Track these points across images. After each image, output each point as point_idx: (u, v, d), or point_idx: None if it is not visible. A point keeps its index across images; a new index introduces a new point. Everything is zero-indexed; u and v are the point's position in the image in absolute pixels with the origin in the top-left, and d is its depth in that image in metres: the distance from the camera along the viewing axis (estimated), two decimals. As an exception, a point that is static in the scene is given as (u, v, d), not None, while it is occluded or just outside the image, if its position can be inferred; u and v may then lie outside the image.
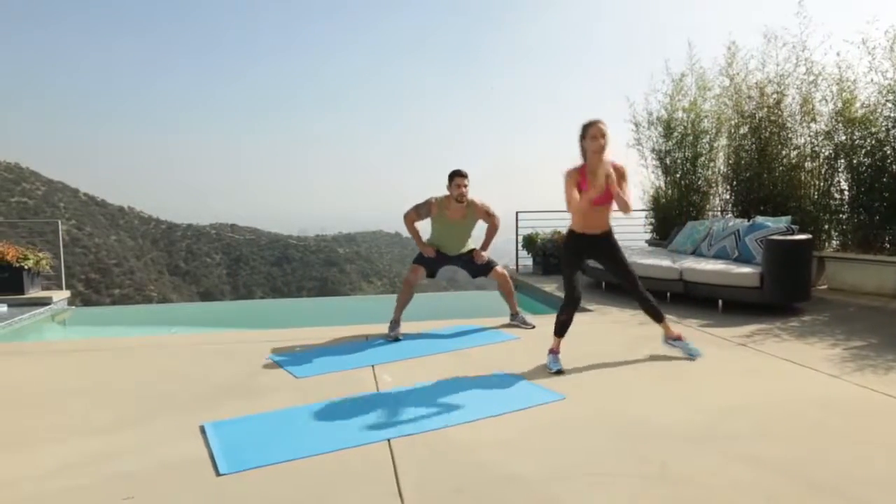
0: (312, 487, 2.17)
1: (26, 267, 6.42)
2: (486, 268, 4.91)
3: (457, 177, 4.63)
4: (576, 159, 3.66)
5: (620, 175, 3.57)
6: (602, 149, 3.48)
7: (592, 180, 3.50)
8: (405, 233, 4.91)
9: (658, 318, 3.86)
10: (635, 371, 3.63)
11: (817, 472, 2.24)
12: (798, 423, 2.74)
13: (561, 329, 3.76)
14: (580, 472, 2.27)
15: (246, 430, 2.68)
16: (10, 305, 6.19)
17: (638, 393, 3.23)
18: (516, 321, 4.97)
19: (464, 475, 2.25)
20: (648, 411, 2.92)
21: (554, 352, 3.71)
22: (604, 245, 3.76)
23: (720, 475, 2.22)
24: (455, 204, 4.65)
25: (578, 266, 3.85)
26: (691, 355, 3.80)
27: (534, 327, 4.84)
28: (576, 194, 3.56)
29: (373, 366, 3.70)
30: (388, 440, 2.57)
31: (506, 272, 5.04)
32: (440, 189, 4.78)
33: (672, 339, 3.87)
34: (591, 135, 3.49)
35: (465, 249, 4.91)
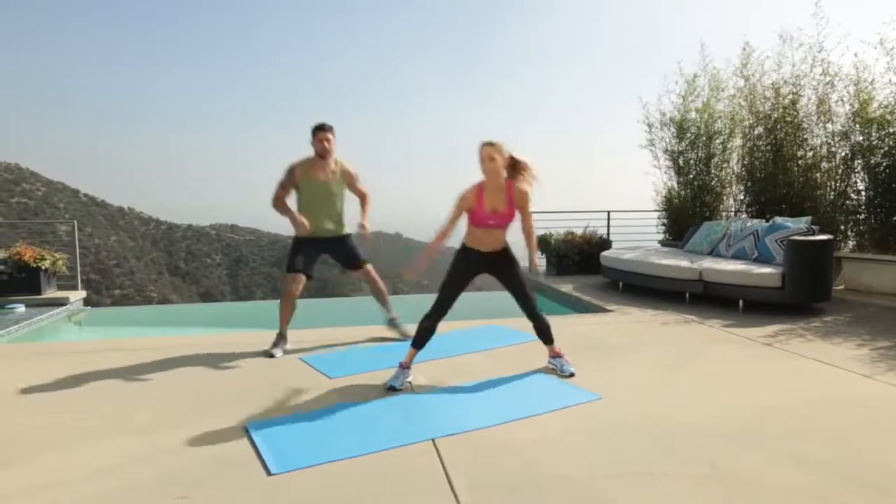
0: (366, 487, 2.16)
1: (43, 267, 6.41)
2: (355, 261, 4.34)
3: (319, 131, 4.07)
4: (576, 157, 3.56)
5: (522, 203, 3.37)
6: (492, 172, 3.24)
7: (489, 200, 3.30)
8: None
9: (548, 339, 3.64)
10: (665, 370, 3.64)
11: (865, 471, 2.25)
12: (839, 423, 2.75)
13: (422, 339, 3.44)
14: (629, 472, 2.27)
15: (289, 431, 2.67)
16: (27, 306, 6.19)
17: (672, 392, 3.23)
18: (394, 326, 4.48)
19: (514, 475, 2.25)
20: (686, 411, 2.92)
21: (405, 366, 3.39)
22: (499, 262, 3.49)
23: (768, 474, 2.23)
24: (320, 161, 4.11)
25: (466, 276, 3.48)
26: (562, 372, 3.53)
27: (410, 337, 4.28)
28: (453, 217, 3.35)
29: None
30: (433, 440, 2.56)
31: (374, 272, 4.45)
32: (439, 189, 4.43)
33: (552, 356, 3.66)
34: (481, 157, 3.25)
35: (341, 231, 4.29)
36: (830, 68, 6.62)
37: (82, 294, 6.98)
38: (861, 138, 6.41)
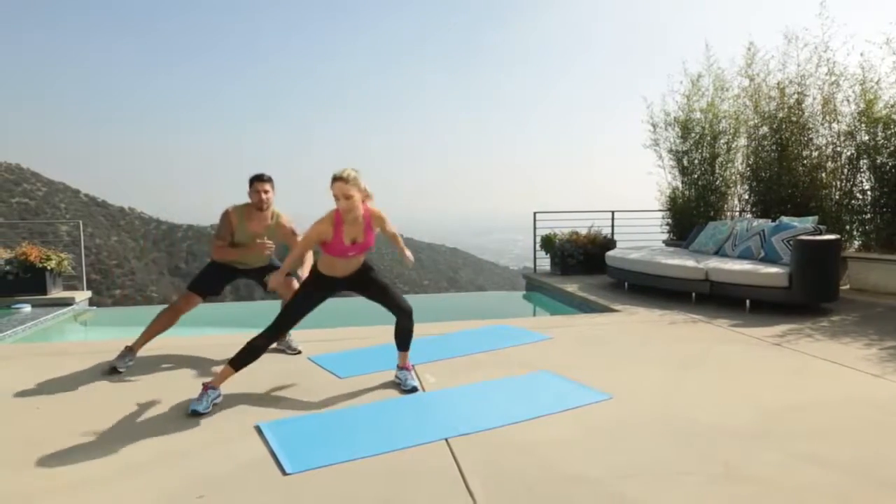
0: (381, 486, 2.16)
1: (49, 268, 6.41)
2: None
3: (256, 181, 3.84)
4: (577, 157, 3.38)
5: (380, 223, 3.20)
6: (349, 209, 3.04)
7: (348, 232, 3.11)
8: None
9: (401, 345, 3.41)
10: (674, 370, 3.63)
11: (884, 470, 2.25)
12: (851, 422, 2.74)
13: (246, 359, 3.04)
14: (645, 472, 2.26)
15: (302, 430, 2.67)
16: (33, 306, 6.18)
17: (683, 391, 3.23)
18: (282, 346, 4.18)
19: (529, 474, 2.25)
20: (698, 410, 2.92)
21: (212, 386, 3.00)
22: (358, 279, 3.30)
23: (786, 474, 2.22)
24: (257, 213, 3.87)
25: (315, 301, 3.24)
26: (404, 386, 3.29)
27: (300, 352, 4.08)
28: (311, 241, 3.17)
29: (413, 365, 3.69)
30: (446, 439, 2.56)
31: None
32: (438, 189, 4.07)
33: (400, 367, 3.41)
34: (334, 195, 3.05)
35: (266, 263, 4.10)
36: (836, 68, 6.63)
37: (87, 294, 6.97)
38: (867, 138, 6.41)
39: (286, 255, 3.66)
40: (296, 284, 3.70)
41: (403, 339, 3.40)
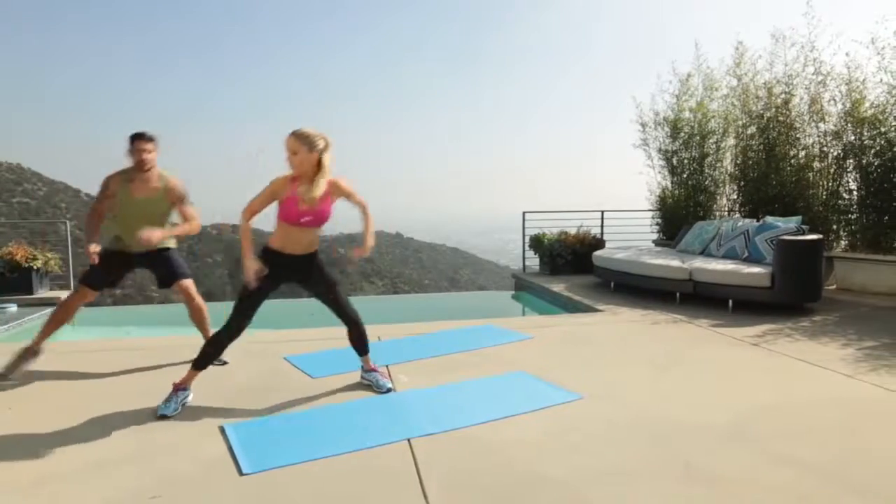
0: (335, 487, 2.17)
1: (35, 267, 6.42)
2: (171, 274, 3.79)
3: (136, 140, 3.51)
4: (573, 158, 3.35)
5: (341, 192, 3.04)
6: (297, 167, 2.91)
7: (303, 194, 2.92)
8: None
9: (362, 349, 3.36)
10: (651, 370, 3.63)
11: (849, 471, 2.25)
12: (821, 423, 2.75)
13: (206, 360, 3.04)
14: (610, 473, 2.26)
15: (265, 431, 2.68)
16: (19, 306, 6.20)
17: (657, 392, 3.23)
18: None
19: (490, 475, 2.25)
20: (669, 411, 2.92)
21: (182, 387, 2.99)
22: (305, 267, 3.12)
23: (751, 474, 2.23)
24: (140, 175, 3.55)
25: (269, 286, 3.03)
26: (379, 388, 3.26)
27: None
28: (257, 206, 2.98)
29: (387, 365, 3.70)
30: (408, 440, 2.57)
31: (193, 290, 3.83)
32: (442, 189, 3.75)
33: (367, 370, 3.38)
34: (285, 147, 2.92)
35: (161, 244, 3.67)
36: (822, 67, 6.62)
37: (75, 294, 6.98)
38: (853, 138, 6.40)
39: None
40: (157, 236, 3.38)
41: (359, 343, 3.33)
